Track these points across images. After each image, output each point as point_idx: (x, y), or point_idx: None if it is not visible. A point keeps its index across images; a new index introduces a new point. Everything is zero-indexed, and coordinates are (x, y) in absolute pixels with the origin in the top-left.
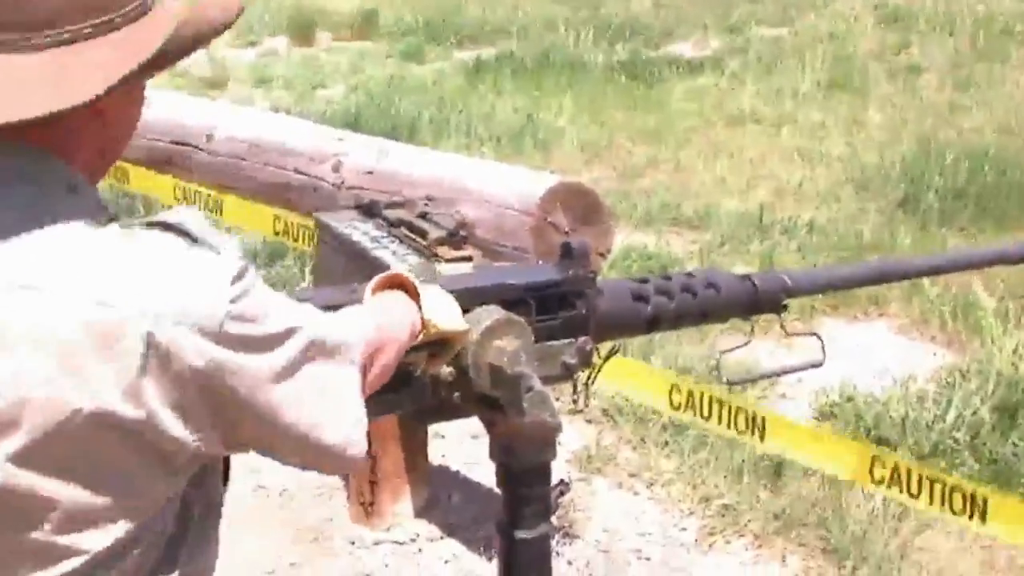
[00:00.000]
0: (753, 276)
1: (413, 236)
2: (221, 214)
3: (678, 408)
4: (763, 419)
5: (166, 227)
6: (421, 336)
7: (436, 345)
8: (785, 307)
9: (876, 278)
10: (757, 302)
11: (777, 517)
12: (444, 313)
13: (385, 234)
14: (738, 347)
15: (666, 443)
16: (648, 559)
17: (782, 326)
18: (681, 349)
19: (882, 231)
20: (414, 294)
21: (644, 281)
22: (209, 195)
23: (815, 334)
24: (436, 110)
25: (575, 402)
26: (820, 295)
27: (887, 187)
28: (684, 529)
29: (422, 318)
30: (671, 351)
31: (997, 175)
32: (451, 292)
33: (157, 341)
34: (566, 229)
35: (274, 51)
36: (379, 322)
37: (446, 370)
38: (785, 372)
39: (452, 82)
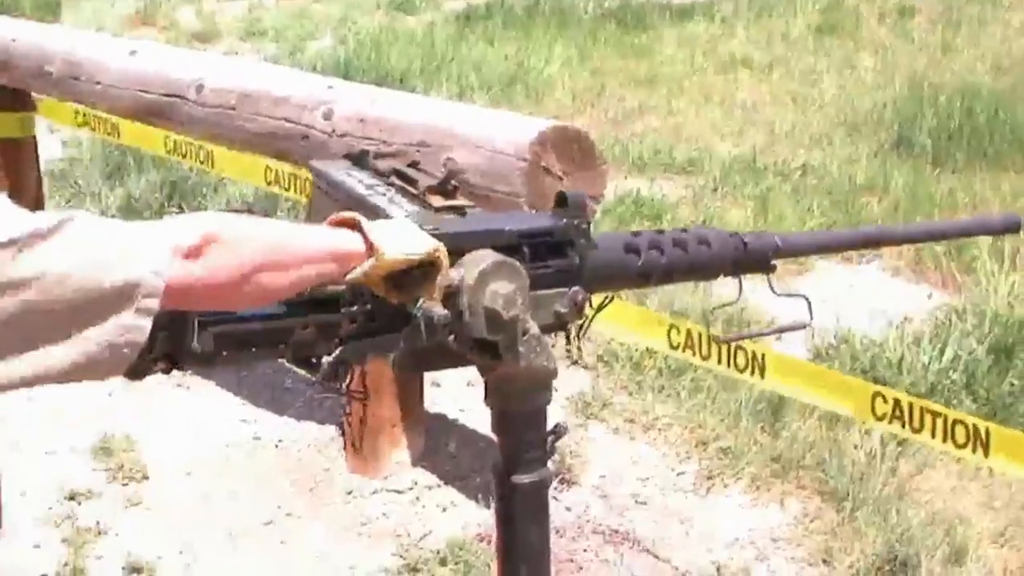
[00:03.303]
0: (744, 235)
1: (405, 185)
2: (212, 166)
3: (677, 348)
4: (763, 356)
5: None
6: (369, 264)
7: (410, 274)
8: (773, 267)
9: (865, 243)
10: (746, 261)
11: (775, 460)
12: (397, 238)
13: (380, 182)
14: (727, 304)
15: (662, 388)
16: (646, 503)
17: (771, 287)
18: (676, 295)
19: (876, 174)
20: (357, 226)
21: (637, 234)
22: (200, 147)
23: (803, 296)
24: (427, 60)
25: (569, 352)
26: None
27: (880, 129)
28: (682, 473)
29: (369, 245)
30: (666, 297)
31: (990, 115)
32: (443, 235)
33: None
34: (559, 173)
35: (263, 3)
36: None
37: (441, 312)
38: (772, 332)
39: (442, 32)
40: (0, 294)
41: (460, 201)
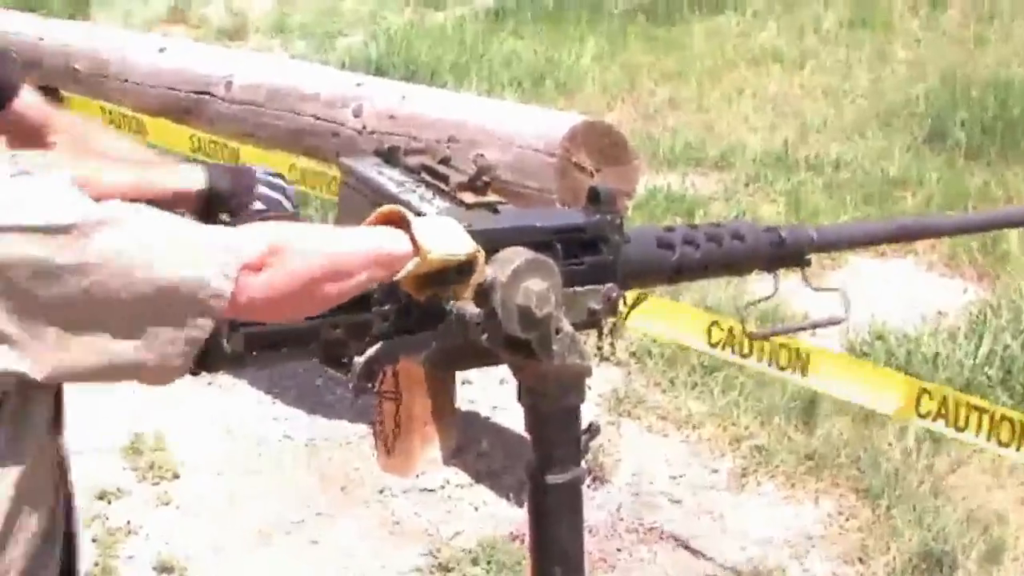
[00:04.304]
0: (779, 228)
1: (435, 182)
2: (238, 163)
3: (717, 345)
4: (807, 354)
5: None
6: (414, 264)
7: (446, 273)
8: (808, 261)
9: (901, 235)
10: (781, 255)
11: (809, 457)
12: (441, 238)
13: (411, 179)
14: (762, 300)
15: (696, 385)
16: (679, 502)
17: (805, 280)
18: (710, 290)
19: (909, 167)
20: (404, 224)
21: (670, 229)
22: (226, 145)
23: (839, 289)
24: (456, 55)
25: (600, 349)
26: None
27: (913, 123)
28: (715, 471)
29: (416, 245)
30: (700, 293)
31: (1023, 108)
32: (475, 233)
33: None
34: (591, 169)
35: (292, 0)
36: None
37: (474, 311)
38: (807, 327)
39: (472, 28)
40: (60, 278)
41: (491, 198)
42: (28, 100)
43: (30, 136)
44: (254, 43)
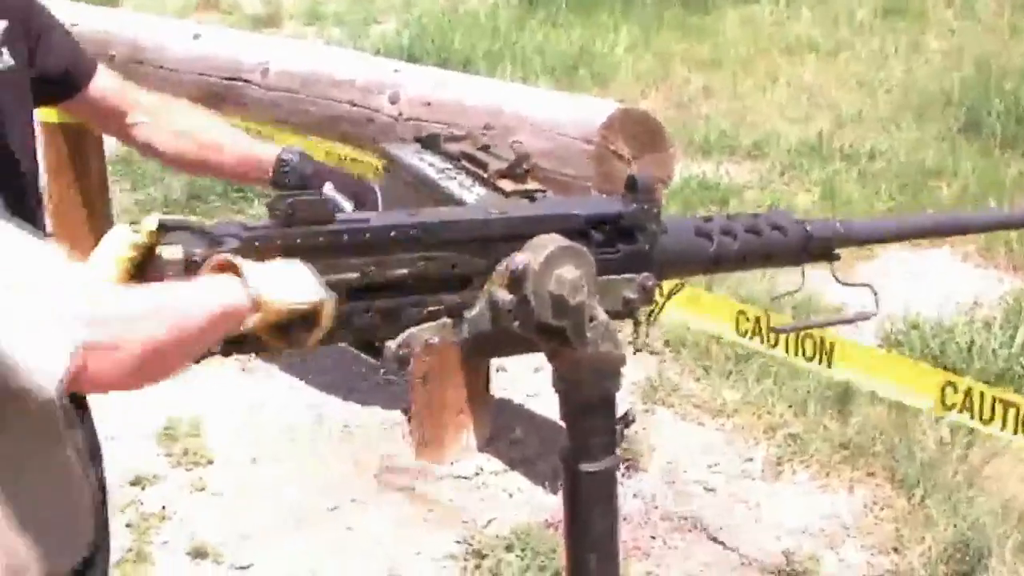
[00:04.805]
0: (806, 222)
1: (475, 169)
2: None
3: (745, 335)
4: (832, 345)
5: None
6: (257, 317)
7: (290, 324)
8: (837, 256)
9: (933, 231)
10: (809, 249)
11: (844, 446)
12: (279, 287)
13: (451, 166)
14: (790, 293)
15: (730, 373)
16: (714, 490)
17: (834, 275)
18: (743, 281)
19: (944, 158)
20: (238, 274)
21: (708, 219)
22: (259, 132)
23: (868, 285)
24: (490, 43)
25: (635, 339)
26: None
27: (947, 113)
28: (750, 460)
29: (251, 296)
30: (732, 283)
31: None
32: (511, 220)
33: None
34: (628, 157)
35: None
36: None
37: (506, 297)
38: (836, 323)
39: (506, 15)
40: None
41: (531, 185)
42: (104, 83)
43: (109, 117)
44: (288, 30)
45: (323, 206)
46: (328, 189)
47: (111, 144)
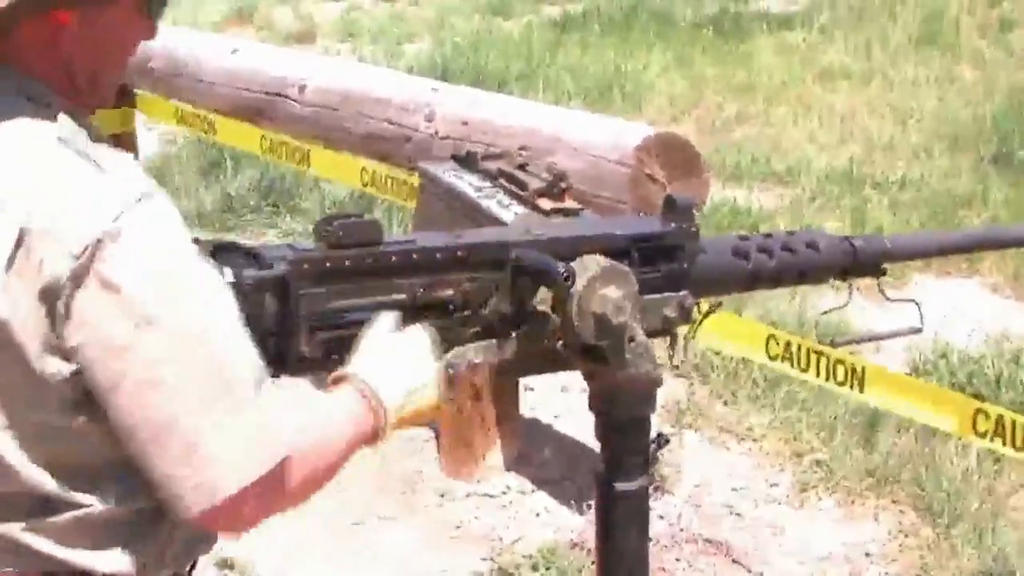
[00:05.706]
0: (852, 238)
1: (513, 188)
2: (308, 165)
3: (775, 359)
4: (863, 370)
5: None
6: (387, 426)
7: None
8: (884, 271)
9: (976, 245)
10: (856, 264)
11: (871, 473)
12: (398, 390)
13: (489, 184)
14: (836, 308)
15: (758, 397)
16: (740, 514)
17: (881, 291)
18: (774, 305)
19: (975, 187)
20: (359, 384)
21: (745, 238)
22: (296, 147)
23: (914, 300)
24: (524, 64)
25: (671, 357)
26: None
27: (979, 143)
28: (776, 484)
29: (373, 407)
30: (763, 306)
31: None
32: (556, 240)
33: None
34: (663, 180)
35: (360, 5)
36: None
37: (552, 317)
38: (886, 337)
39: (539, 37)
40: None
41: (569, 204)
42: None
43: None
44: (322, 47)
45: (370, 228)
46: None
47: (143, 156)
